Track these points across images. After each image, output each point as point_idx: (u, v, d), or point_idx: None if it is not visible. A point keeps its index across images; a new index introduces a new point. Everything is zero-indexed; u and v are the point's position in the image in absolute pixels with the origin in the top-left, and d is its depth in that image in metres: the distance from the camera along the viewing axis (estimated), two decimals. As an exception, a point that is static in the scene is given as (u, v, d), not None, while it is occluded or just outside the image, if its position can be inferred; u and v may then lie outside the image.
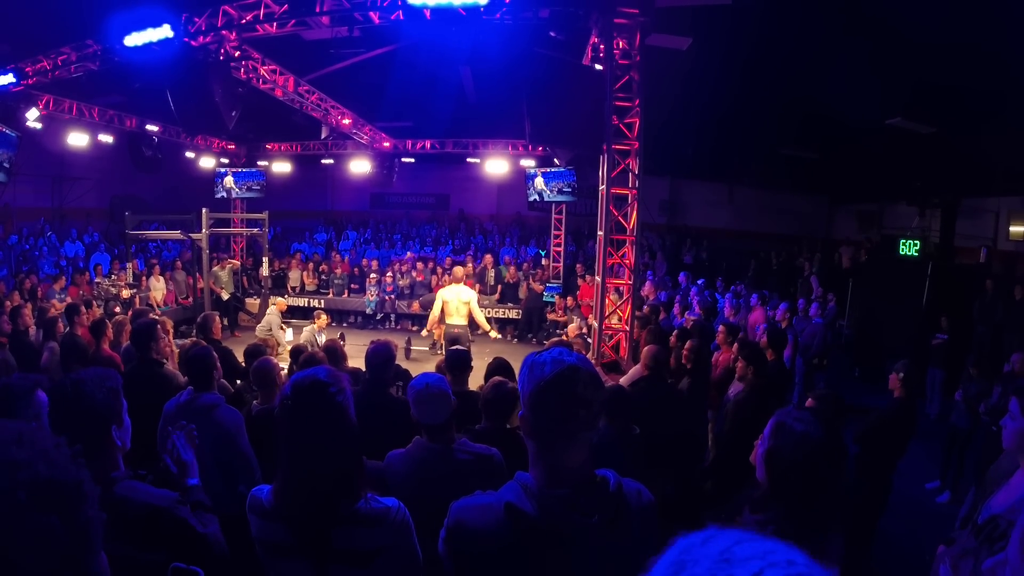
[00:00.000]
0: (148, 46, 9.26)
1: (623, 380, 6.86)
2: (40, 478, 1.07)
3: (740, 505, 3.30)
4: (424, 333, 10.85)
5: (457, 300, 9.75)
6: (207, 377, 4.15)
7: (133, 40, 9.27)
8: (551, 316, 14.86)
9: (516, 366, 5.23)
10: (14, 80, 11.20)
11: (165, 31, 9.10)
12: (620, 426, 4.59)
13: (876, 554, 5.46)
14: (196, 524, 2.40)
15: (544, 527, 1.77)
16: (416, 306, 15.57)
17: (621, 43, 8.32)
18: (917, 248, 12.74)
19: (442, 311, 9.89)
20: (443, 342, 9.91)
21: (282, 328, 11.88)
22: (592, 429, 1.86)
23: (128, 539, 2.24)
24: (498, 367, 5.38)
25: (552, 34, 8.38)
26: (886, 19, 9.30)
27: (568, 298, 14.40)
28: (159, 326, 6.30)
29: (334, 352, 6.07)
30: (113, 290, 13.55)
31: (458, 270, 10.21)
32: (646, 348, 6.13)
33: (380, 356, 4.99)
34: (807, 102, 13.11)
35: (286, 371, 6.27)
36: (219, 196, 18.26)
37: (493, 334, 10.57)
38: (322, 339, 11.29)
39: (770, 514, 2.14)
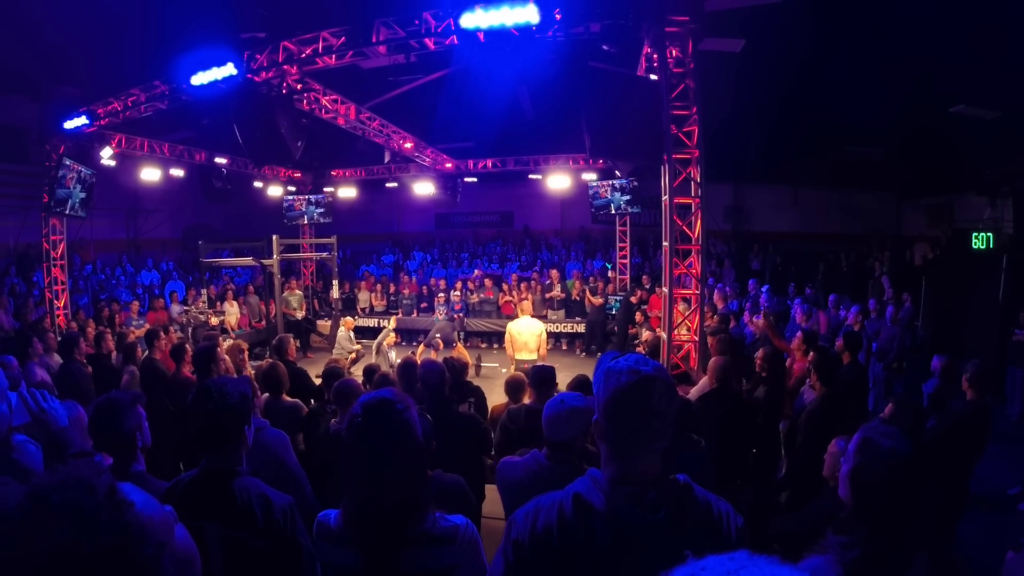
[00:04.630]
0: (214, 84, 9.57)
1: (692, 392, 6.79)
2: (90, 553, 1.09)
3: (813, 519, 3.24)
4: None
5: (528, 333, 9.56)
6: None
7: (199, 79, 9.60)
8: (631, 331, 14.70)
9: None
10: (87, 122, 11.76)
11: (229, 69, 9.39)
12: (686, 440, 4.54)
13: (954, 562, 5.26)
14: (300, 524, 2.57)
15: (608, 518, 1.79)
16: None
17: (674, 51, 8.25)
18: (990, 240, 12.30)
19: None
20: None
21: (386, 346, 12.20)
22: (665, 440, 1.87)
23: (241, 524, 2.46)
24: (579, 385, 5.37)
25: (605, 47, 8.35)
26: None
27: (637, 314, 14.27)
28: (219, 348, 6.52)
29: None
30: (202, 317, 14.06)
31: (526, 304, 10.05)
32: (712, 360, 6.02)
33: (435, 375, 5.07)
34: (865, 96, 12.82)
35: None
36: (288, 223, 18.75)
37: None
38: (392, 356, 11.45)
39: (855, 536, 2.09)
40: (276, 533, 2.47)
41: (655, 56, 8.44)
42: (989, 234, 12.34)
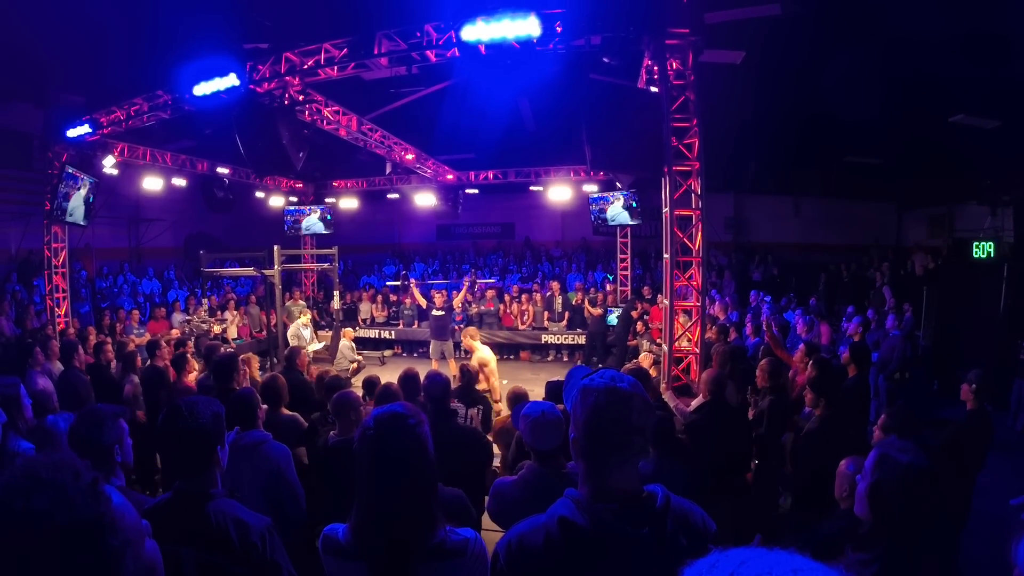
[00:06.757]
0: (216, 94, 9.63)
1: (692, 404, 6.78)
2: (61, 524, 1.14)
3: (823, 539, 3.23)
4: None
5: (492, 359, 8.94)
6: (251, 416, 4.25)
7: (202, 89, 9.66)
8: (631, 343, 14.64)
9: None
10: (90, 130, 11.82)
11: (231, 80, 9.44)
12: (665, 456, 4.53)
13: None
14: (279, 545, 2.56)
15: (596, 538, 1.80)
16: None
17: (675, 64, 8.24)
18: (991, 250, 12.29)
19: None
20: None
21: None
22: (644, 453, 1.92)
23: (217, 549, 2.41)
24: (553, 391, 5.37)
25: (606, 60, 8.37)
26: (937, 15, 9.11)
27: (638, 324, 14.26)
28: (240, 359, 6.51)
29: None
30: (204, 326, 14.09)
31: (473, 330, 9.60)
32: (704, 373, 6.00)
33: (439, 387, 5.08)
34: (865, 106, 12.84)
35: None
36: (290, 233, 18.82)
37: None
38: (307, 334, 11.49)
39: (875, 552, 2.10)
40: (254, 557, 2.45)
41: (655, 68, 8.45)
42: (990, 243, 12.33)
